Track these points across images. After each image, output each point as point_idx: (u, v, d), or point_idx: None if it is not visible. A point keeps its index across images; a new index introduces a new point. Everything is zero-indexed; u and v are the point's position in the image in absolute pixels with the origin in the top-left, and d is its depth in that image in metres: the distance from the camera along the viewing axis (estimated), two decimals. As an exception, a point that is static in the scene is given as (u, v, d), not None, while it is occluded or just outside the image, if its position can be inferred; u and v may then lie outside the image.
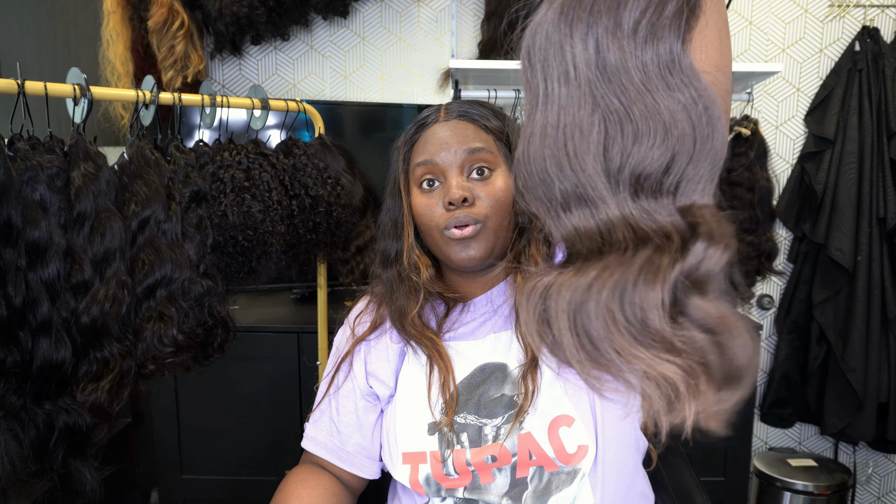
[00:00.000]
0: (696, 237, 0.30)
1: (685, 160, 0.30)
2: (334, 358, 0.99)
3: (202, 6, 2.01)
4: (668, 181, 0.31)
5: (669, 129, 0.30)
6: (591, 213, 0.32)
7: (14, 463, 0.90)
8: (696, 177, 0.31)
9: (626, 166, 0.31)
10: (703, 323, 0.30)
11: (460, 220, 0.85)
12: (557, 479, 0.83)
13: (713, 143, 0.31)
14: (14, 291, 0.92)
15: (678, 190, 0.31)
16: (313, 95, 2.30)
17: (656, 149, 0.30)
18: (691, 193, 0.31)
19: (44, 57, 2.15)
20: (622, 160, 0.31)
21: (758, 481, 2.12)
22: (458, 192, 0.85)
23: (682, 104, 0.30)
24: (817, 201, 2.17)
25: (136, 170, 1.10)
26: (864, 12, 2.22)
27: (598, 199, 0.31)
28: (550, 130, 0.32)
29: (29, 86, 1.02)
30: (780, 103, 2.29)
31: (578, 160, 0.31)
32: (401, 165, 0.93)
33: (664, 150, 0.30)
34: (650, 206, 0.31)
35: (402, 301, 0.92)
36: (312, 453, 0.97)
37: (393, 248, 0.94)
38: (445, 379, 0.87)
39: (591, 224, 0.32)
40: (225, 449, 1.92)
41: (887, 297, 2.10)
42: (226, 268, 1.23)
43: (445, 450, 0.85)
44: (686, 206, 0.31)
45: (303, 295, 2.24)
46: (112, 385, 1.01)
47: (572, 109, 0.31)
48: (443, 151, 0.87)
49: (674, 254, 0.30)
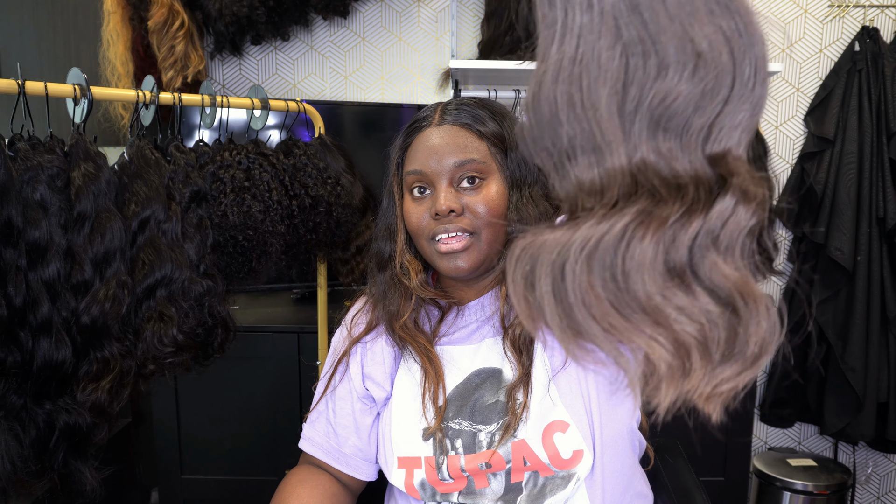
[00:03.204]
0: (727, 190, 0.26)
1: (721, 100, 0.26)
2: (331, 359, 0.99)
3: (202, 6, 2.01)
4: (697, 122, 0.27)
5: (704, 59, 0.26)
6: (597, 161, 0.28)
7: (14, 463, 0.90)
8: (732, 123, 0.27)
9: (645, 102, 0.27)
10: (718, 288, 0.26)
11: (448, 230, 0.84)
12: (552, 484, 0.83)
13: (755, 88, 0.27)
14: (14, 291, 0.92)
15: (710, 135, 0.27)
16: (313, 95, 2.30)
17: (685, 82, 0.26)
18: (726, 140, 0.27)
19: (44, 57, 2.15)
20: (642, 96, 0.27)
21: (757, 481, 2.12)
22: (445, 203, 0.83)
23: (723, 33, 0.26)
24: (817, 201, 2.17)
25: (136, 170, 1.10)
26: (863, 12, 2.22)
27: (606, 145, 0.28)
28: (566, 64, 0.28)
29: (29, 86, 1.02)
30: (780, 103, 2.29)
31: (592, 96, 0.27)
32: (395, 170, 0.93)
33: (694, 84, 0.26)
34: (670, 147, 0.27)
35: (395, 304, 0.91)
36: (310, 454, 0.97)
37: (386, 251, 0.94)
38: (435, 390, 0.87)
39: (594, 174, 0.28)
40: (225, 449, 1.92)
41: (887, 297, 2.10)
42: (226, 268, 1.23)
43: (440, 456, 0.85)
44: (719, 155, 0.27)
45: (303, 295, 2.24)
46: (112, 385, 1.01)
47: (591, 39, 0.27)
48: (433, 161, 0.86)
49: (692, 205, 0.26)
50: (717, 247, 0.26)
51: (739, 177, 0.26)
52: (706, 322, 0.26)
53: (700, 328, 0.26)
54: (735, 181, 0.26)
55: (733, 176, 0.26)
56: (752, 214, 0.26)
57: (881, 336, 2.11)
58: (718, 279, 0.26)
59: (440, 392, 0.87)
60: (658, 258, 0.26)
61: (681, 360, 0.27)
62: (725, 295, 0.26)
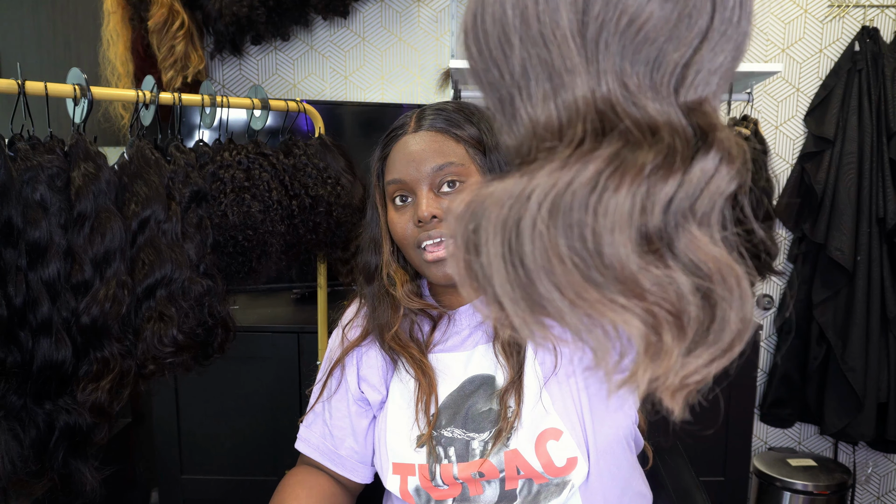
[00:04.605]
0: (710, 145, 0.22)
1: (699, 32, 0.22)
2: (327, 361, 0.99)
3: (202, 6, 2.01)
4: (672, 56, 0.23)
5: None
6: (553, 91, 0.23)
7: (14, 463, 0.90)
8: (711, 66, 0.23)
9: (611, 22, 0.22)
10: (693, 264, 0.23)
11: (433, 236, 0.84)
12: (546, 491, 0.83)
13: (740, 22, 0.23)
14: (14, 291, 0.92)
15: (685, 78, 0.23)
16: (313, 95, 2.30)
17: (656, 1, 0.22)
18: (703, 86, 0.23)
19: (44, 57, 2.15)
20: (606, 14, 0.22)
21: (757, 481, 2.12)
22: (427, 210, 0.83)
23: None
24: (817, 201, 2.17)
25: (136, 170, 1.10)
26: (863, 12, 2.22)
27: (565, 70, 0.23)
28: None
29: (29, 86, 1.02)
30: (780, 103, 2.29)
31: (549, 8, 0.23)
32: (375, 181, 0.93)
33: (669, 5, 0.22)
34: (639, 83, 0.23)
35: (384, 316, 0.92)
36: (306, 456, 0.98)
37: (373, 263, 0.94)
38: (427, 400, 0.87)
39: (551, 109, 0.23)
40: (225, 449, 1.92)
41: (887, 297, 2.10)
42: (226, 268, 1.23)
43: (434, 464, 0.85)
44: (695, 103, 0.23)
45: (303, 295, 2.24)
46: (112, 385, 1.01)
47: None
48: (412, 168, 0.85)
49: (668, 159, 0.22)
50: (695, 213, 0.22)
51: (722, 132, 0.23)
52: (680, 299, 0.22)
53: (674, 305, 0.22)
54: (718, 136, 0.23)
55: (715, 130, 0.23)
56: (733, 178, 0.23)
57: (881, 336, 2.11)
58: (695, 253, 0.22)
59: (432, 402, 0.87)
60: (634, 216, 0.22)
61: (656, 339, 0.23)
62: (703, 272, 0.22)
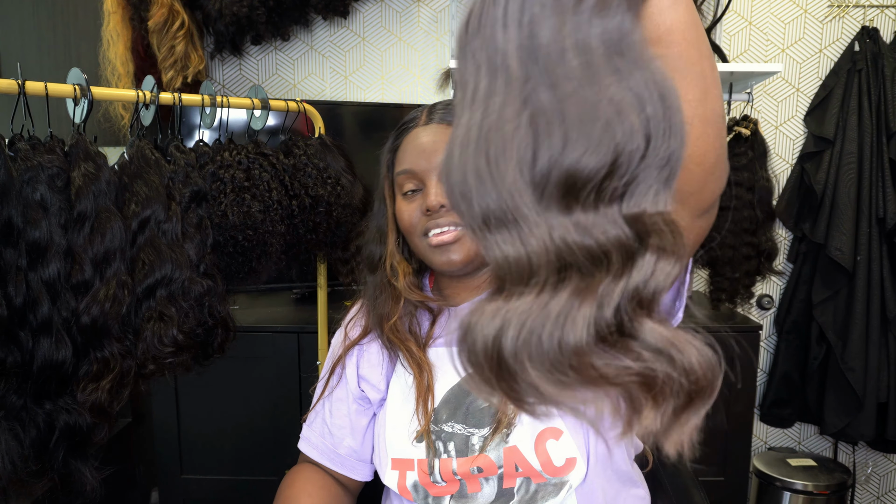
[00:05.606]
0: (645, 249, 0.26)
1: (635, 160, 0.26)
2: (330, 360, 1.00)
3: (202, 6, 2.01)
4: (610, 186, 0.26)
5: (611, 126, 0.25)
6: (519, 238, 0.27)
7: (14, 463, 0.90)
8: (648, 179, 0.26)
9: (553, 176, 0.26)
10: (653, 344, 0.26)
11: (440, 224, 0.86)
12: (544, 490, 0.83)
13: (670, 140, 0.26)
14: (14, 291, 0.92)
15: (626, 195, 0.26)
16: (313, 95, 2.30)
17: (590, 155, 0.25)
18: (641, 199, 0.26)
19: (44, 57, 2.15)
20: (550, 169, 0.26)
21: (757, 481, 2.12)
22: (436, 199, 0.85)
23: (632, 92, 0.25)
24: (817, 201, 2.17)
25: (136, 170, 1.10)
26: (863, 12, 2.22)
27: (521, 219, 0.27)
28: (473, 133, 0.27)
29: (29, 86, 1.02)
30: (780, 103, 2.29)
31: (499, 170, 0.26)
32: (385, 172, 0.94)
33: (602, 155, 0.25)
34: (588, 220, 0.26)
35: (385, 307, 0.92)
36: (306, 454, 0.98)
37: (377, 253, 0.96)
38: (425, 396, 0.87)
39: (521, 252, 0.27)
40: (225, 449, 1.92)
41: (887, 297, 2.10)
42: (226, 268, 1.23)
43: (433, 458, 0.85)
44: (635, 214, 0.27)
45: (303, 295, 2.24)
46: (112, 385, 1.01)
47: (495, 106, 0.26)
48: (422, 159, 0.88)
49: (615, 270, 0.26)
50: (642, 304, 0.26)
51: (657, 234, 0.26)
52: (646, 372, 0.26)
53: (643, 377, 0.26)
54: (652, 240, 0.26)
55: (650, 236, 0.26)
56: (673, 266, 0.26)
57: (881, 336, 2.11)
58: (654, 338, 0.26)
59: (430, 398, 0.88)
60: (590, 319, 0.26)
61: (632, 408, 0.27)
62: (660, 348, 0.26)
